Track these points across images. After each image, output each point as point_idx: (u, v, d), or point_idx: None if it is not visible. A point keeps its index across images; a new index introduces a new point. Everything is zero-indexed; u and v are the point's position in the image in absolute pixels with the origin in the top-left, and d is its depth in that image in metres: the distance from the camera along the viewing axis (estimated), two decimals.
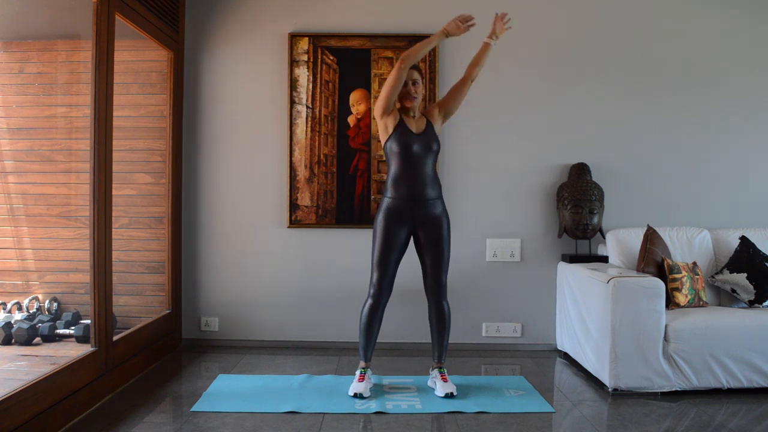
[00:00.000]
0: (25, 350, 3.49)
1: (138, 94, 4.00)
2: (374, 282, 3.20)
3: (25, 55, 3.80)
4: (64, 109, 3.83)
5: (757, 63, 4.15)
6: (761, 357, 3.25)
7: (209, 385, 3.31)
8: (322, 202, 4.11)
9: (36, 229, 3.80)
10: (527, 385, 3.37)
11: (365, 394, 3.12)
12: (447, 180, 4.10)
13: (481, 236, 4.14)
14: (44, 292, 3.84)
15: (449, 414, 2.96)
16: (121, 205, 3.71)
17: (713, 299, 3.73)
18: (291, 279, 4.14)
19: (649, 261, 3.52)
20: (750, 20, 4.15)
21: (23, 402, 2.46)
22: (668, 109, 4.14)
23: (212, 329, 4.16)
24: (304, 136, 4.10)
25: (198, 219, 4.16)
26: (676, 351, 3.22)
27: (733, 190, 4.15)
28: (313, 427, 2.78)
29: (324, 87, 4.11)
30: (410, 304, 3.95)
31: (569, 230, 3.95)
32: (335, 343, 4.13)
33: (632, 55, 4.12)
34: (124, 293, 3.88)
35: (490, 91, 4.11)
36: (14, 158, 3.81)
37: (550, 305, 4.11)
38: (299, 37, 4.09)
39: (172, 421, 2.88)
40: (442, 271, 3.22)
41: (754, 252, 3.66)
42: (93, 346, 3.03)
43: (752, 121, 4.16)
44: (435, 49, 4.05)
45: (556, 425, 2.91)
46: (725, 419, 2.94)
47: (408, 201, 3.15)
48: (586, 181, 3.95)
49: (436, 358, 3.28)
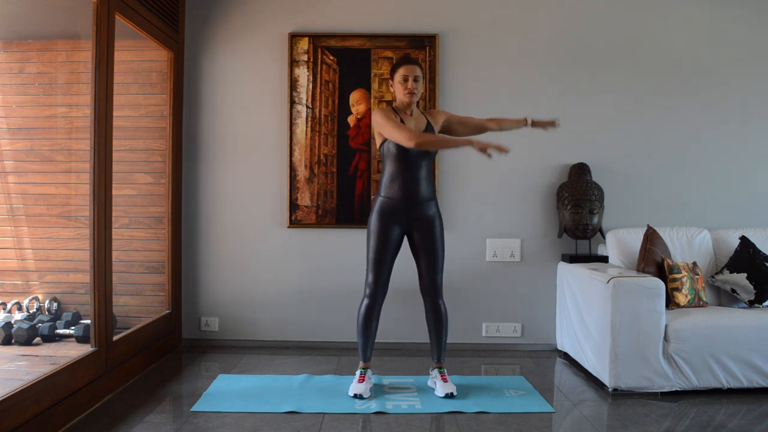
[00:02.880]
0: (25, 350, 3.50)
1: (138, 94, 4.00)
2: (370, 282, 3.20)
3: (25, 55, 3.80)
4: (64, 109, 3.83)
5: (757, 63, 4.15)
6: (761, 357, 3.25)
7: (209, 385, 3.31)
8: (322, 202, 4.11)
9: (36, 229, 3.80)
10: (527, 385, 3.37)
11: (365, 395, 3.12)
12: (447, 180, 4.11)
13: (481, 236, 4.14)
14: (44, 292, 3.84)
15: (449, 414, 2.96)
16: (121, 205, 3.71)
17: (713, 299, 3.73)
18: (291, 279, 4.14)
19: (649, 261, 3.52)
20: (750, 21, 4.15)
21: (23, 402, 2.46)
22: (669, 109, 4.14)
23: (212, 329, 4.16)
24: (304, 136, 4.10)
25: (198, 219, 4.16)
26: (676, 351, 3.22)
27: (733, 190, 4.15)
28: (313, 427, 2.78)
29: (324, 87, 4.11)
30: (410, 304, 3.95)
31: (569, 230, 3.95)
32: (335, 343, 4.13)
33: (632, 56, 4.12)
34: (124, 293, 3.88)
35: (490, 91, 4.11)
36: (14, 158, 3.81)
37: (550, 305, 4.11)
38: (299, 37, 4.09)
39: (172, 421, 2.88)
40: (437, 271, 3.22)
41: (754, 252, 3.66)
42: (93, 346, 3.03)
43: (752, 121, 4.16)
44: (435, 48, 4.05)
45: (556, 425, 2.91)
46: (725, 419, 2.94)
47: (402, 201, 3.14)
48: (586, 181, 3.95)
49: (435, 359, 3.28)
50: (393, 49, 4.08)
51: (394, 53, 4.08)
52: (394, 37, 4.08)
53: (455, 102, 4.09)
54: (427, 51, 4.08)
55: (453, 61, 4.11)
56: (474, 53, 4.12)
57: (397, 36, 4.08)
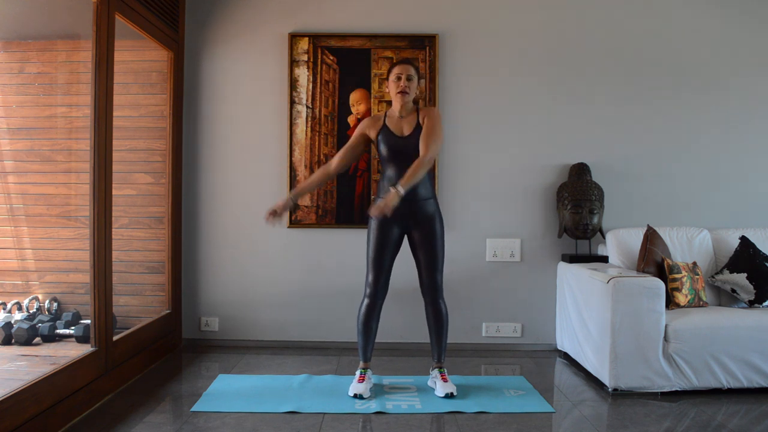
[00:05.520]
0: (25, 350, 3.49)
1: (138, 94, 4.00)
2: (370, 282, 3.21)
3: (25, 55, 3.80)
4: (64, 109, 3.83)
5: (757, 64, 4.15)
6: (761, 357, 3.25)
7: (209, 385, 3.31)
8: (322, 202, 4.11)
9: (36, 229, 3.80)
10: (527, 385, 3.37)
11: (365, 395, 3.12)
12: (447, 180, 4.11)
13: (481, 236, 4.13)
14: (44, 292, 3.84)
15: (449, 414, 2.96)
16: (121, 205, 3.71)
17: (713, 299, 3.73)
18: (291, 279, 4.14)
19: (649, 261, 3.52)
20: (750, 21, 4.15)
21: (23, 402, 2.46)
22: (669, 109, 4.14)
23: (212, 329, 4.16)
24: (304, 136, 4.10)
25: (198, 219, 4.16)
26: (676, 351, 3.22)
27: (733, 190, 4.15)
28: (313, 427, 2.78)
29: (324, 87, 4.11)
30: (410, 304, 3.95)
31: (569, 230, 3.95)
32: (335, 343, 4.13)
33: (633, 56, 4.12)
34: (124, 293, 3.88)
35: (490, 91, 4.11)
36: (14, 158, 3.81)
37: (550, 305, 4.11)
38: (299, 37, 4.09)
39: (172, 421, 2.88)
40: (437, 271, 3.21)
41: (754, 252, 3.66)
42: (93, 346, 3.03)
43: (752, 121, 4.16)
44: (435, 48, 4.05)
45: (556, 425, 2.91)
46: (725, 419, 2.94)
47: (399, 201, 3.14)
48: (586, 181, 3.95)
49: (435, 358, 3.28)
50: (393, 49, 4.08)
51: (394, 53, 4.08)
52: (394, 37, 4.08)
53: (455, 102, 4.09)
54: (427, 51, 4.08)
55: (453, 61, 4.11)
56: (474, 53, 4.12)
57: (397, 36, 4.08)
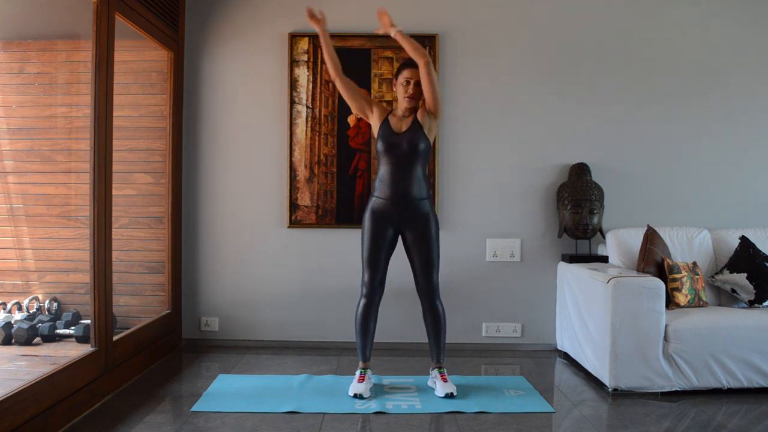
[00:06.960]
0: (25, 350, 3.49)
1: (138, 94, 4.00)
2: (366, 281, 3.21)
3: (25, 55, 3.80)
4: (64, 109, 3.83)
5: (758, 64, 4.15)
6: (761, 357, 3.25)
7: (209, 385, 3.31)
8: (322, 202, 4.11)
9: (36, 229, 3.80)
10: (527, 385, 3.37)
11: (365, 395, 3.12)
12: (447, 180, 4.11)
13: (481, 236, 4.13)
14: (44, 292, 3.84)
15: (449, 414, 2.96)
16: (121, 205, 3.71)
17: (713, 299, 3.73)
18: (291, 279, 4.14)
19: (649, 261, 3.52)
20: (750, 21, 4.15)
21: (23, 402, 2.46)
22: (668, 109, 4.14)
23: (212, 329, 4.16)
24: (304, 136, 4.10)
25: (198, 219, 4.16)
26: (676, 351, 3.22)
27: (733, 190, 4.15)
28: (313, 427, 2.78)
29: (324, 87, 4.11)
30: (409, 304, 3.94)
31: (569, 230, 3.95)
32: (335, 343, 4.13)
33: (633, 56, 4.12)
34: (124, 293, 3.88)
35: (490, 91, 4.11)
36: (14, 158, 3.80)
37: (550, 305, 4.11)
38: (299, 37, 4.09)
39: (172, 421, 2.88)
40: (433, 271, 3.20)
41: (754, 252, 3.66)
42: (93, 346, 3.03)
43: (752, 121, 4.16)
44: (435, 48, 4.05)
45: (556, 425, 2.91)
46: (725, 419, 2.94)
47: (393, 201, 3.15)
48: (586, 181, 3.95)
49: (435, 359, 3.28)
50: (393, 49, 4.08)
51: (394, 53, 4.08)
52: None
53: (455, 102, 4.09)
54: (426, 51, 4.06)
55: (453, 61, 4.11)
56: (474, 53, 4.12)
57: None
